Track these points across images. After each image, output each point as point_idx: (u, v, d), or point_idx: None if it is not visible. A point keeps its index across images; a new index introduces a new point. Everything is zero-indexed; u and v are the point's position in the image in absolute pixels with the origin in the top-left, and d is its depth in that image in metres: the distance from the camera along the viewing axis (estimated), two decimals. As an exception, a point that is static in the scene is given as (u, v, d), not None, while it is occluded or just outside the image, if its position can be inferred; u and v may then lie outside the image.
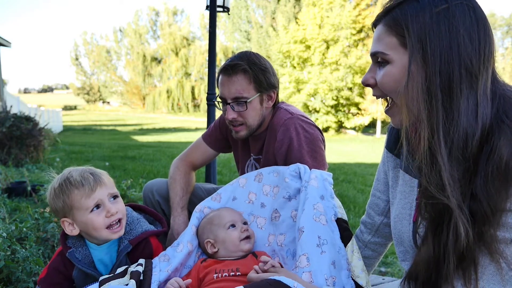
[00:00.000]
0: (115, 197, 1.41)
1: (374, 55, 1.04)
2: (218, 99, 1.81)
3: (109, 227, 1.37)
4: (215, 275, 1.35)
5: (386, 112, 1.09)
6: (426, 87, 0.93)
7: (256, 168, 1.93)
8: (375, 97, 1.09)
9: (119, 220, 1.40)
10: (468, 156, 0.91)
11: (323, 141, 1.82)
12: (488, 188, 0.88)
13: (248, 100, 1.72)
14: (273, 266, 1.25)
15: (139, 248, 1.46)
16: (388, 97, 1.07)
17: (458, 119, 0.91)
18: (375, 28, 1.06)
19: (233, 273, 1.34)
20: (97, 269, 1.42)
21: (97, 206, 1.37)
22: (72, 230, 1.38)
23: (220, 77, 1.77)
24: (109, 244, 1.43)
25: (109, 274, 1.32)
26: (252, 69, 1.72)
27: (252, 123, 1.78)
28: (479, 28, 0.93)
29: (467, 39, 0.92)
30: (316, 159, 1.72)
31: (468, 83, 0.92)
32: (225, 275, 1.34)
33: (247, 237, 1.48)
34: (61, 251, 1.43)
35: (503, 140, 0.87)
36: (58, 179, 1.39)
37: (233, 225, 1.49)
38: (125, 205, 1.50)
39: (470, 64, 0.92)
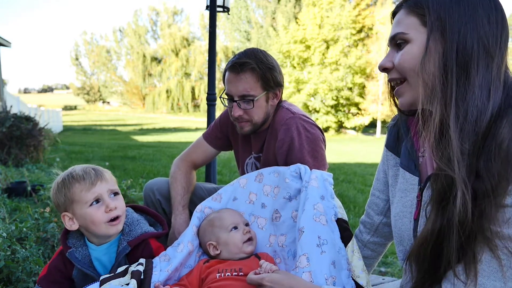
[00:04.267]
0: (115, 194, 1.42)
1: (393, 38, 1.06)
2: (224, 96, 1.82)
3: (107, 221, 1.37)
4: (218, 274, 1.35)
5: (396, 91, 1.10)
6: (443, 62, 0.96)
7: (256, 167, 1.94)
8: (390, 82, 1.11)
9: (118, 217, 1.40)
10: (477, 132, 0.93)
11: (324, 141, 1.83)
12: (489, 166, 0.89)
13: (255, 99, 1.73)
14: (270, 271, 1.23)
15: (138, 250, 1.45)
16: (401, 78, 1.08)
17: (472, 95, 0.93)
18: (393, 16, 1.09)
19: (236, 273, 1.34)
20: (96, 269, 1.42)
21: (97, 201, 1.37)
22: (71, 225, 1.39)
23: (227, 74, 1.77)
24: (108, 245, 1.43)
25: (109, 274, 1.33)
26: (260, 67, 1.72)
27: (258, 120, 1.79)
28: (497, 13, 0.97)
29: (486, 20, 0.96)
30: (317, 159, 1.73)
31: (484, 61, 0.95)
32: (228, 275, 1.34)
33: (249, 239, 1.48)
34: (62, 251, 1.44)
35: (507, 123, 0.90)
36: (62, 174, 1.42)
37: (235, 227, 1.49)
38: (126, 206, 1.50)
39: (487, 43, 0.95)
